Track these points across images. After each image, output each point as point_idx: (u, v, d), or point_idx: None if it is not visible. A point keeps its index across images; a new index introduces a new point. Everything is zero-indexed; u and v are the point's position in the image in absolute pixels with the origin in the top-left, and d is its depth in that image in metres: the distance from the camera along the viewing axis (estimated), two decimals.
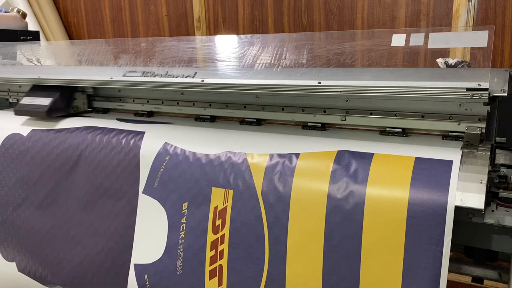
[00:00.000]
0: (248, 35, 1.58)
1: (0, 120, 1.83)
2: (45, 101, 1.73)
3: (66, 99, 1.78)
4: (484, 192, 0.98)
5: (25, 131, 1.71)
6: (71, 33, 3.97)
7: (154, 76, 1.52)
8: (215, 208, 1.26)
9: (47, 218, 1.63)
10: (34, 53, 2.29)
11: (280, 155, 1.22)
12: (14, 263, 1.73)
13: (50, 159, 1.62)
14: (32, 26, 3.54)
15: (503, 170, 1.09)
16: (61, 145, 1.60)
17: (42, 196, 1.64)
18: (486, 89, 1.03)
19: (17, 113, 1.76)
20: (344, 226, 1.08)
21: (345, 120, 1.36)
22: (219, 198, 1.26)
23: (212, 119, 1.59)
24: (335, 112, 1.37)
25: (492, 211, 1.04)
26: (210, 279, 1.27)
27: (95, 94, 1.85)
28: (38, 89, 1.81)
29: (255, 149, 1.26)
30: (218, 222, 1.26)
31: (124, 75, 1.59)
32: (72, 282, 1.58)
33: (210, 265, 1.27)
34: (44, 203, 1.64)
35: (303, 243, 1.14)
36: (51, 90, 1.76)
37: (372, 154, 1.14)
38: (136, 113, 1.75)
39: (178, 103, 1.65)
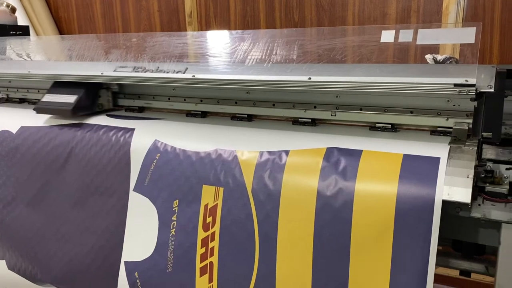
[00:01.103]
0: (239, 31, 1.59)
1: None
2: (70, 98, 1.63)
3: (92, 96, 1.68)
4: (471, 186, 1.00)
5: (14, 128, 1.70)
6: (61, 28, 3.94)
7: (145, 72, 1.52)
8: (206, 205, 1.27)
9: (37, 215, 1.63)
10: (24, 48, 2.28)
11: (270, 153, 1.22)
12: (3, 261, 1.73)
13: (40, 157, 1.61)
14: (21, 21, 3.51)
15: (490, 164, 1.11)
16: (51, 142, 1.60)
17: (32, 193, 1.64)
18: (473, 85, 1.05)
19: (39, 111, 1.67)
20: (333, 223, 1.10)
21: (335, 115, 1.37)
22: (209, 195, 1.26)
23: (203, 114, 1.59)
24: (325, 108, 1.38)
25: (479, 205, 1.06)
26: (200, 276, 1.28)
27: (121, 91, 1.76)
28: (60, 85, 1.70)
29: (246, 147, 1.27)
30: (209, 219, 1.26)
31: (114, 71, 1.59)
32: (63, 280, 1.58)
33: (201, 262, 1.27)
34: (34, 201, 1.63)
35: (293, 240, 1.15)
36: (75, 86, 1.66)
37: (361, 151, 1.15)
38: (127, 109, 1.74)
39: (169, 99, 1.65)
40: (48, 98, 1.68)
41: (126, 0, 3.51)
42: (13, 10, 2.60)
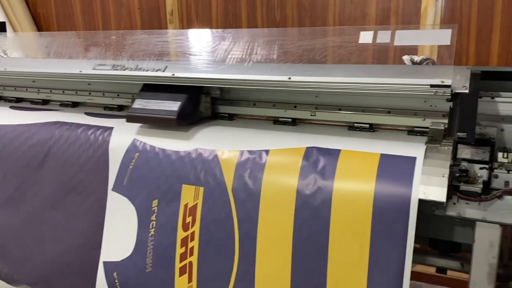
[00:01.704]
0: (220, 30, 1.59)
1: None
2: (171, 105, 1.38)
3: (194, 102, 1.43)
4: (446, 185, 1.02)
5: None
6: (39, 25, 3.87)
7: (124, 70, 1.51)
8: (186, 205, 1.26)
9: (14, 215, 1.60)
10: (1, 45, 2.23)
11: (250, 152, 1.23)
12: None
13: (16, 156, 1.58)
14: None
15: (464, 164, 1.13)
16: (28, 141, 1.57)
17: (8, 193, 1.61)
18: (449, 86, 1.07)
19: (132, 119, 1.42)
20: (312, 221, 1.11)
21: (315, 115, 1.38)
22: (189, 195, 1.26)
23: None
24: (305, 108, 1.39)
25: (454, 203, 1.08)
26: (180, 276, 1.27)
27: (222, 97, 1.50)
28: (153, 89, 1.45)
29: (226, 146, 1.27)
30: (189, 219, 1.26)
31: (93, 68, 1.57)
32: (40, 281, 1.56)
33: (180, 262, 1.27)
34: (11, 201, 1.60)
35: (272, 239, 1.16)
36: (173, 91, 1.41)
37: (339, 150, 1.16)
38: (106, 107, 1.72)
39: None
40: (141, 104, 1.42)
41: None
42: None
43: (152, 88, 1.44)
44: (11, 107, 1.80)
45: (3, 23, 2.62)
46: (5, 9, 3.76)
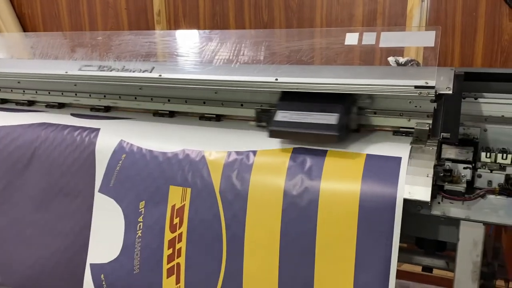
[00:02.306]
0: (207, 31, 1.59)
1: None
2: (326, 118, 1.18)
3: (348, 113, 1.23)
4: (431, 185, 1.03)
5: None
6: (25, 25, 3.82)
7: (110, 71, 1.50)
8: (173, 206, 1.26)
9: None
10: None
11: (237, 153, 1.23)
12: None
13: (2, 157, 1.56)
14: None
15: (448, 164, 1.15)
16: (14, 143, 1.55)
17: None
18: (433, 87, 1.08)
19: (276, 135, 1.23)
20: (299, 222, 1.11)
21: None
22: (176, 196, 1.26)
23: (171, 114, 1.58)
24: None
25: (439, 203, 1.10)
26: (167, 277, 1.27)
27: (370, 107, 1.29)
28: (295, 98, 1.25)
29: (213, 147, 1.27)
30: (176, 220, 1.26)
31: (79, 69, 1.56)
32: (25, 284, 1.54)
33: (168, 263, 1.27)
34: None
35: (260, 240, 1.16)
36: (323, 100, 1.22)
37: (326, 151, 1.17)
38: (93, 108, 1.71)
39: (135, 98, 1.63)
40: (284, 116, 1.23)
41: None
42: None
43: (295, 97, 1.24)
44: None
45: None
46: None
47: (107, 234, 1.37)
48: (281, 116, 1.22)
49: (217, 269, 1.21)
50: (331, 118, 1.17)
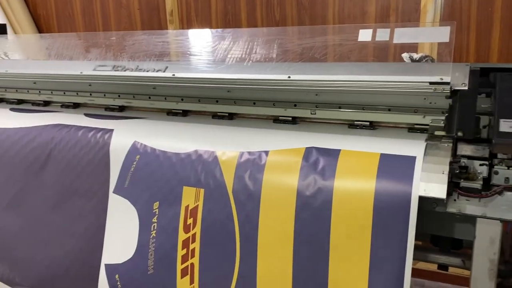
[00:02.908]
0: (220, 30, 1.59)
1: None
2: None
3: None
4: (446, 182, 1.02)
5: None
6: (40, 26, 3.87)
7: (124, 71, 1.51)
8: (187, 207, 1.27)
9: (16, 219, 1.61)
10: (1, 47, 2.24)
11: (250, 153, 1.23)
12: None
13: (18, 159, 1.59)
14: None
15: (464, 161, 1.13)
16: (30, 144, 1.58)
17: (10, 196, 1.61)
18: (447, 83, 1.07)
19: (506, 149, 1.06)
20: (313, 222, 1.11)
21: (315, 114, 1.38)
22: (190, 197, 1.26)
23: (184, 113, 1.59)
24: (305, 106, 1.39)
25: (454, 200, 1.08)
26: (182, 277, 1.28)
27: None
28: None
29: (226, 147, 1.27)
30: (190, 221, 1.26)
31: (94, 70, 1.57)
32: (41, 284, 1.56)
33: (182, 263, 1.27)
34: (13, 204, 1.61)
35: (273, 240, 1.16)
36: None
37: (339, 150, 1.16)
38: (107, 108, 1.73)
39: (149, 98, 1.64)
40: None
41: None
42: None
43: None
44: (11, 109, 1.81)
45: (4, 25, 2.63)
46: (6, 11, 3.76)
47: (121, 235, 1.38)
48: (508, 126, 1.05)
49: (231, 269, 1.21)
50: None
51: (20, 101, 1.92)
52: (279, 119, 1.43)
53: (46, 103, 1.87)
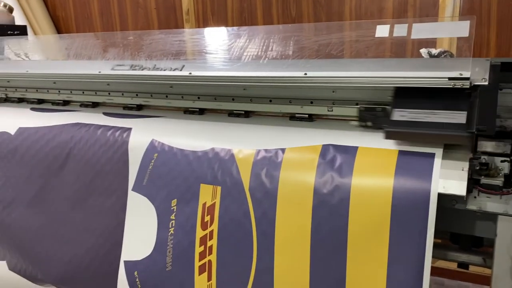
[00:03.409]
0: (235, 28, 1.59)
1: None
2: (452, 116, 1.07)
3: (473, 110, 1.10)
4: (466, 179, 1.01)
5: (12, 129, 1.70)
6: (59, 27, 3.94)
7: (142, 70, 1.53)
8: (204, 204, 1.28)
9: (37, 216, 1.64)
10: (22, 48, 2.28)
11: (266, 151, 1.23)
12: (4, 262, 1.74)
13: (39, 157, 1.62)
14: (19, 20, 3.51)
15: (484, 157, 1.11)
16: (50, 143, 1.60)
17: (31, 194, 1.64)
18: (467, 79, 1.05)
19: (392, 136, 1.13)
20: (330, 220, 1.10)
21: (332, 110, 1.37)
22: (207, 194, 1.27)
23: (201, 111, 1.59)
24: (322, 103, 1.38)
25: (475, 197, 1.07)
26: (199, 274, 1.29)
27: None
28: (410, 95, 1.13)
29: (242, 145, 1.27)
30: (207, 218, 1.27)
31: (112, 69, 1.59)
32: (62, 280, 1.59)
33: (199, 260, 1.28)
34: (34, 202, 1.64)
35: (290, 238, 1.16)
36: (444, 97, 1.10)
37: (357, 148, 1.15)
38: (126, 107, 1.75)
39: (166, 96, 1.66)
40: (403, 115, 1.12)
41: None
42: (11, 10, 2.60)
43: (412, 94, 1.13)
44: (31, 109, 1.84)
45: (24, 27, 2.68)
46: (26, 13, 3.84)
47: (140, 232, 1.39)
48: (398, 115, 1.12)
49: (248, 267, 1.21)
50: (455, 116, 1.06)
51: (40, 101, 1.95)
52: (295, 117, 1.42)
53: (66, 103, 1.90)
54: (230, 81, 1.38)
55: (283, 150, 1.21)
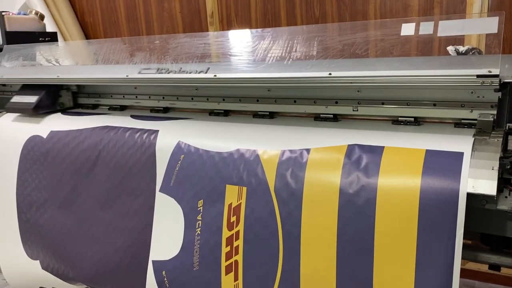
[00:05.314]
0: (259, 29, 1.60)
1: (20, 122, 1.88)
2: None
3: None
4: (496, 178, 0.98)
5: (44, 132, 1.76)
6: (87, 33, 4.03)
7: (168, 73, 1.55)
8: (230, 205, 1.29)
9: (68, 217, 1.68)
10: (53, 54, 2.34)
11: (291, 151, 1.23)
12: (38, 261, 1.79)
13: (69, 160, 1.66)
14: (50, 27, 3.61)
15: None
16: (80, 146, 1.65)
17: (63, 196, 1.69)
18: (496, 76, 1.03)
19: None
20: (356, 220, 1.10)
21: (357, 110, 1.37)
22: (233, 195, 1.28)
23: (226, 113, 1.61)
24: (347, 103, 1.38)
25: (506, 197, 1.04)
26: (226, 274, 1.30)
27: None
28: None
29: (267, 146, 1.28)
30: (233, 218, 1.28)
31: (139, 73, 1.62)
32: (93, 279, 1.63)
33: (226, 260, 1.29)
34: (65, 203, 1.69)
35: (316, 238, 1.16)
36: None
37: (383, 147, 1.14)
38: (152, 109, 1.78)
39: (192, 99, 1.68)
40: None
41: (149, 3, 3.56)
42: (42, 17, 2.68)
43: None
44: (62, 113, 1.89)
45: (55, 33, 2.76)
46: (56, 20, 3.94)
47: (168, 232, 1.41)
48: None
49: (274, 267, 1.22)
50: None
51: None
52: (320, 117, 1.42)
53: (95, 106, 1.94)
54: (254, 82, 1.39)
55: (308, 150, 1.21)
